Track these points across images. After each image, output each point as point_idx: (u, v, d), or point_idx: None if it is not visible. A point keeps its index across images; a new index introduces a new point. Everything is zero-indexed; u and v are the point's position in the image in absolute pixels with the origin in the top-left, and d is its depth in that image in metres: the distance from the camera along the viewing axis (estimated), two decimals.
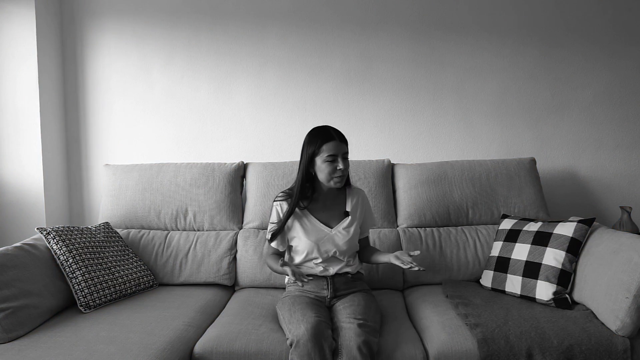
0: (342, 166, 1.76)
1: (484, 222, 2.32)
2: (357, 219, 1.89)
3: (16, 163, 2.51)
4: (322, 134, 1.78)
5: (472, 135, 2.68)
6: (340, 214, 1.88)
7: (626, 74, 2.64)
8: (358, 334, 1.51)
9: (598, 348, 1.54)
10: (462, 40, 2.64)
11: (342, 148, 1.77)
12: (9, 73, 2.47)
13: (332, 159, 1.75)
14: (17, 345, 1.54)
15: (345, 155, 1.79)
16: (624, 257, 1.62)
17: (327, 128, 1.80)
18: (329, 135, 1.77)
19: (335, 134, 1.78)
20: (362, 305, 1.69)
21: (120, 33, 2.67)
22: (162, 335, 1.60)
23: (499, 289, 1.98)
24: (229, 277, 2.21)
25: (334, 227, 1.85)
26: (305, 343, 1.47)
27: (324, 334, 1.51)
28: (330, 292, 1.81)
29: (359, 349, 1.47)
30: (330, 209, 1.88)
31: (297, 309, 1.64)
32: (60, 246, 1.86)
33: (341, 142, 1.78)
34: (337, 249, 1.82)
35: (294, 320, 1.59)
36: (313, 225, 1.84)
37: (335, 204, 1.89)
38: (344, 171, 1.78)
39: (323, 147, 1.76)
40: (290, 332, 1.56)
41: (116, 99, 2.70)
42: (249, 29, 2.65)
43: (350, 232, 1.84)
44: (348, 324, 1.57)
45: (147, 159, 2.68)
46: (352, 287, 1.84)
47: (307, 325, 1.51)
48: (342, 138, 1.79)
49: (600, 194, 2.68)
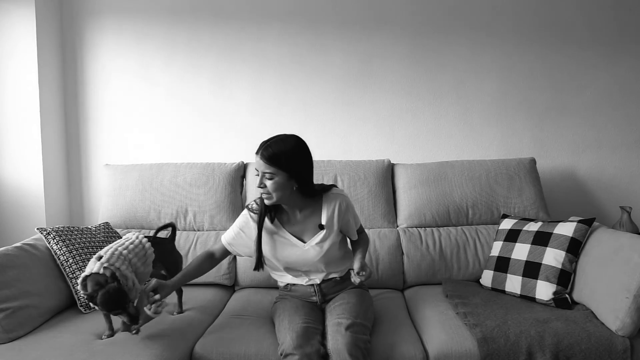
0: (259, 184, 1.63)
1: (484, 222, 2.32)
2: (335, 231, 1.73)
3: (16, 163, 2.51)
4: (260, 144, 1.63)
5: (472, 135, 2.68)
6: (315, 227, 1.73)
7: (626, 74, 2.64)
8: (346, 336, 1.48)
9: (598, 348, 1.54)
10: (462, 41, 2.64)
11: (261, 166, 1.60)
12: (9, 73, 2.47)
13: (256, 173, 1.64)
14: (17, 345, 1.54)
15: (267, 175, 1.60)
16: (624, 257, 1.62)
17: (266, 141, 1.63)
18: (258, 149, 1.62)
19: (261, 149, 1.60)
20: (352, 303, 1.67)
21: (120, 32, 2.67)
22: (162, 336, 1.60)
23: (499, 288, 1.98)
24: (229, 277, 2.21)
25: (307, 242, 1.72)
26: (291, 354, 1.45)
27: (311, 341, 1.49)
28: (319, 297, 1.78)
29: (350, 352, 1.44)
30: (304, 221, 1.74)
31: (285, 316, 1.62)
32: (60, 246, 1.86)
33: (262, 158, 1.59)
34: (309, 267, 1.73)
35: (281, 328, 1.57)
36: (285, 240, 1.73)
37: (311, 215, 1.74)
38: (264, 190, 1.63)
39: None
40: (279, 340, 1.55)
41: (116, 98, 2.70)
42: (249, 28, 2.65)
43: (324, 248, 1.71)
44: (336, 326, 1.54)
45: (147, 159, 2.68)
46: (343, 288, 1.80)
47: (292, 335, 1.49)
48: (268, 156, 1.58)
49: (600, 194, 2.68)
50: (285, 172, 1.60)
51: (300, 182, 1.65)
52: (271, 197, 1.64)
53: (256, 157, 1.62)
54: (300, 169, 1.64)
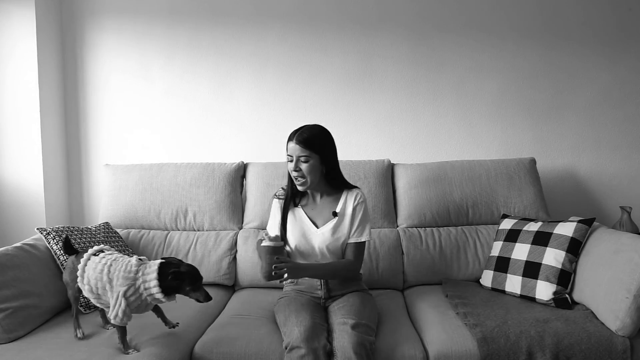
0: (291, 167, 1.77)
1: (484, 222, 2.32)
2: (345, 223, 1.82)
3: (16, 163, 2.51)
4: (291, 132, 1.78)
5: (472, 135, 2.68)
6: (329, 214, 1.84)
7: (626, 74, 2.64)
8: (352, 335, 1.49)
9: (598, 348, 1.54)
10: (462, 40, 2.63)
11: (296, 150, 1.74)
12: (9, 73, 2.47)
13: (290, 159, 1.78)
14: (17, 345, 1.54)
15: (302, 158, 1.74)
16: (624, 257, 1.62)
17: (299, 128, 1.78)
18: (291, 135, 1.77)
19: (297, 135, 1.74)
20: (357, 305, 1.69)
21: (120, 32, 2.67)
22: (162, 336, 1.60)
23: (499, 288, 1.98)
24: (229, 277, 2.21)
25: (320, 227, 1.83)
26: (298, 347, 1.46)
27: (318, 337, 1.50)
28: (324, 291, 1.80)
29: (355, 351, 1.45)
30: (321, 208, 1.86)
31: (292, 311, 1.64)
32: (60, 246, 1.86)
33: (297, 143, 1.73)
34: (317, 253, 1.81)
35: (288, 323, 1.58)
36: (301, 221, 1.85)
37: (329, 204, 1.86)
38: (299, 174, 1.76)
39: (287, 146, 1.79)
40: (285, 334, 1.56)
41: (116, 98, 2.70)
42: (249, 28, 2.65)
43: (333, 236, 1.80)
44: (342, 325, 1.55)
45: (147, 159, 2.68)
46: (347, 288, 1.82)
47: (300, 329, 1.50)
48: (302, 140, 1.73)
49: (600, 194, 2.68)
50: (318, 154, 1.75)
51: (329, 166, 1.80)
52: (306, 181, 1.77)
53: (290, 143, 1.76)
54: (328, 153, 1.79)
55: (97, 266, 1.54)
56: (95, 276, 1.52)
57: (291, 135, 1.76)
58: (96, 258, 1.57)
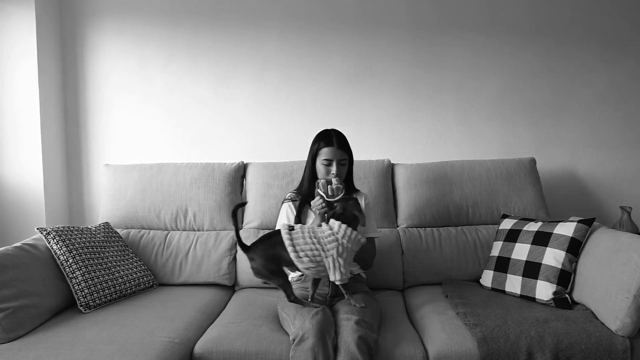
0: (334, 171, 1.85)
1: (484, 222, 2.32)
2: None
3: (16, 163, 2.51)
4: (324, 137, 1.90)
5: (472, 135, 2.68)
6: None
7: (626, 74, 2.64)
8: (355, 330, 1.51)
9: (598, 348, 1.54)
10: (461, 41, 2.64)
11: (338, 154, 1.87)
12: (9, 73, 2.48)
13: (328, 162, 1.87)
14: (17, 345, 1.54)
15: (341, 161, 1.88)
16: (624, 257, 1.62)
17: (330, 132, 1.91)
18: (329, 140, 1.88)
19: (336, 140, 1.87)
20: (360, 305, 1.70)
21: (120, 33, 2.67)
22: (162, 335, 1.60)
23: (499, 288, 1.98)
24: (229, 277, 2.21)
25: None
26: (310, 337, 1.47)
27: (329, 330, 1.52)
28: (331, 289, 1.82)
29: (357, 345, 1.47)
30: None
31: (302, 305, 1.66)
32: (60, 246, 1.86)
33: (339, 148, 1.87)
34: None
35: (299, 315, 1.60)
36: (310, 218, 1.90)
37: None
38: (339, 177, 1.85)
39: (321, 151, 1.86)
40: (295, 326, 1.56)
41: (116, 99, 2.70)
42: (249, 29, 2.65)
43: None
44: (346, 320, 1.57)
45: (147, 159, 2.68)
46: (352, 288, 1.83)
47: (313, 321, 1.52)
48: (342, 144, 1.88)
49: (600, 194, 2.68)
50: (350, 157, 1.93)
51: (351, 168, 1.96)
52: (343, 185, 1.80)
53: (330, 148, 1.87)
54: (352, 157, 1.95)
55: (306, 239, 1.64)
56: (309, 247, 1.63)
57: (328, 140, 1.87)
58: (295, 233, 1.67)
